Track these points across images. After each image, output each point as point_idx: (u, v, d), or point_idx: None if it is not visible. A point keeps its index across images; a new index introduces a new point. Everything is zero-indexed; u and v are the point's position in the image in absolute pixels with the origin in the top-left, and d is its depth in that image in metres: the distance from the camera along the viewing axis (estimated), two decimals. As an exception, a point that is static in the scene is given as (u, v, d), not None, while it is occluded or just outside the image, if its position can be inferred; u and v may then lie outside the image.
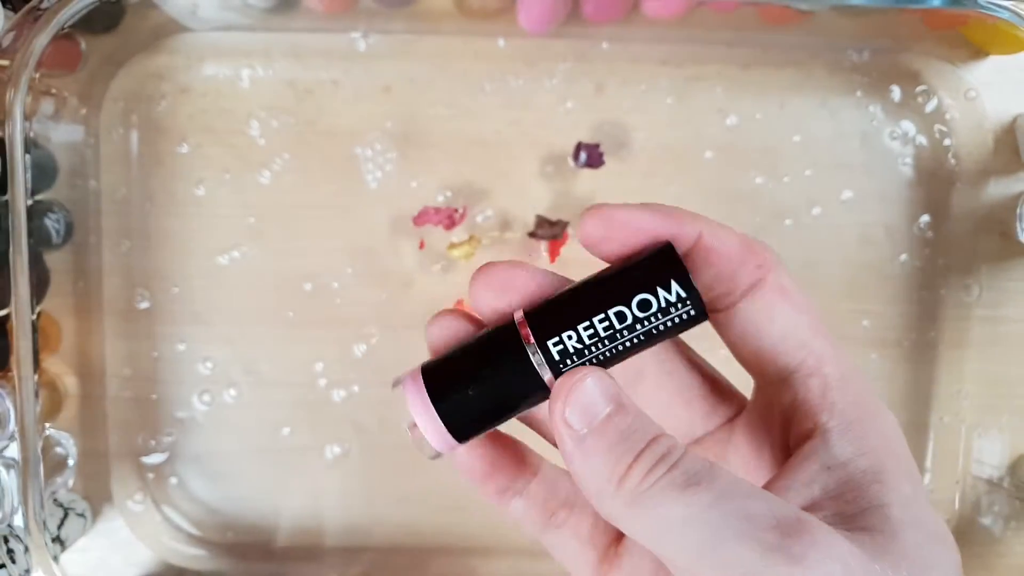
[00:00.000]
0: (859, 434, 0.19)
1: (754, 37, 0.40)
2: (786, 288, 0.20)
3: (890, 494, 0.18)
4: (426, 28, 0.40)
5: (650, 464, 0.17)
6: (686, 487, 0.17)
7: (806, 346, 0.20)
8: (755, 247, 0.20)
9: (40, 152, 0.38)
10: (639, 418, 0.18)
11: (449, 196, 0.41)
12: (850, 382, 0.20)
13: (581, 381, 0.18)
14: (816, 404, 0.19)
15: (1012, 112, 0.41)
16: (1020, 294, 0.41)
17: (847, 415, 0.19)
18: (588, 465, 0.18)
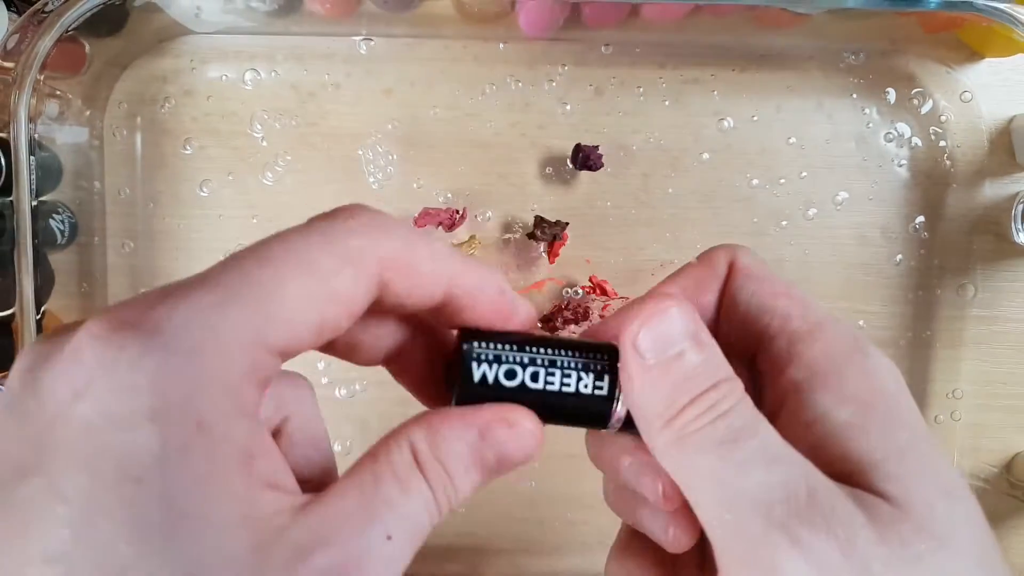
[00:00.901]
0: (835, 384, 0.19)
1: (751, 40, 0.41)
2: (747, 266, 0.22)
3: (880, 446, 0.18)
4: (427, 32, 0.40)
5: (702, 409, 0.18)
6: (722, 443, 0.17)
7: (768, 310, 0.21)
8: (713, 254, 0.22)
9: (45, 154, 0.38)
10: (710, 359, 0.18)
11: (450, 197, 0.41)
12: (820, 332, 0.20)
13: (666, 309, 0.18)
14: (783, 360, 0.20)
15: (1007, 114, 0.41)
16: (1015, 294, 0.42)
17: (817, 365, 0.19)
18: (646, 397, 0.18)
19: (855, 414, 0.18)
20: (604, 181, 0.41)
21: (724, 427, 0.17)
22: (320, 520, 0.16)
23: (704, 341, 0.18)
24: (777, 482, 0.17)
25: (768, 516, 0.16)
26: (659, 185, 0.41)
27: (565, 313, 0.41)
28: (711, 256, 0.22)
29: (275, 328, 0.16)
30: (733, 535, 0.17)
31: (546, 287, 0.41)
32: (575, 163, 0.40)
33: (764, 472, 0.17)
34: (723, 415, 0.18)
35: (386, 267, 0.17)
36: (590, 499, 0.42)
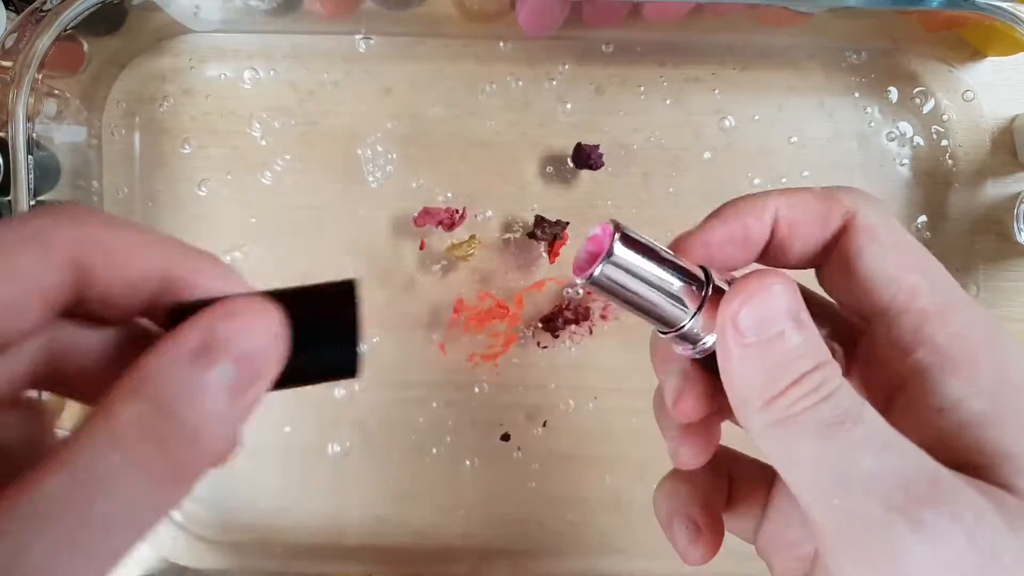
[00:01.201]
0: (969, 372, 0.18)
1: (752, 39, 0.41)
2: (872, 227, 0.19)
3: (1016, 440, 0.17)
4: (427, 31, 0.40)
5: (804, 391, 0.17)
6: (828, 425, 0.16)
7: (895, 282, 0.19)
8: (836, 196, 0.20)
9: (43, 153, 0.38)
10: (810, 340, 0.17)
11: (450, 197, 0.41)
12: (953, 314, 0.18)
13: (769, 287, 0.17)
14: (909, 341, 0.18)
15: (1009, 113, 0.41)
16: (1017, 294, 0.41)
17: (949, 350, 0.18)
18: (745, 375, 0.18)
19: (991, 405, 0.17)
20: (604, 180, 0.41)
21: (829, 410, 0.17)
22: None
23: (805, 322, 0.18)
24: (892, 468, 0.16)
25: (886, 501, 0.16)
26: (660, 184, 0.41)
27: (566, 313, 0.41)
28: (833, 196, 0.20)
29: None
30: (845, 520, 0.16)
31: (546, 287, 0.41)
32: (575, 162, 0.40)
33: (876, 457, 0.16)
34: (826, 398, 0.17)
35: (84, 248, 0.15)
36: (591, 501, 0.42)
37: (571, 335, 0.41)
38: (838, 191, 0.20)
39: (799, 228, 0.20)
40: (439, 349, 0.41)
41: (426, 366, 0.41)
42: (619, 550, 0.42)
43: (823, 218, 0.20)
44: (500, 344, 0.41)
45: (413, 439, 0.42)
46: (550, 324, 0.41)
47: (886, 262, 0.19)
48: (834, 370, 0.17)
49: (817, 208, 0.20)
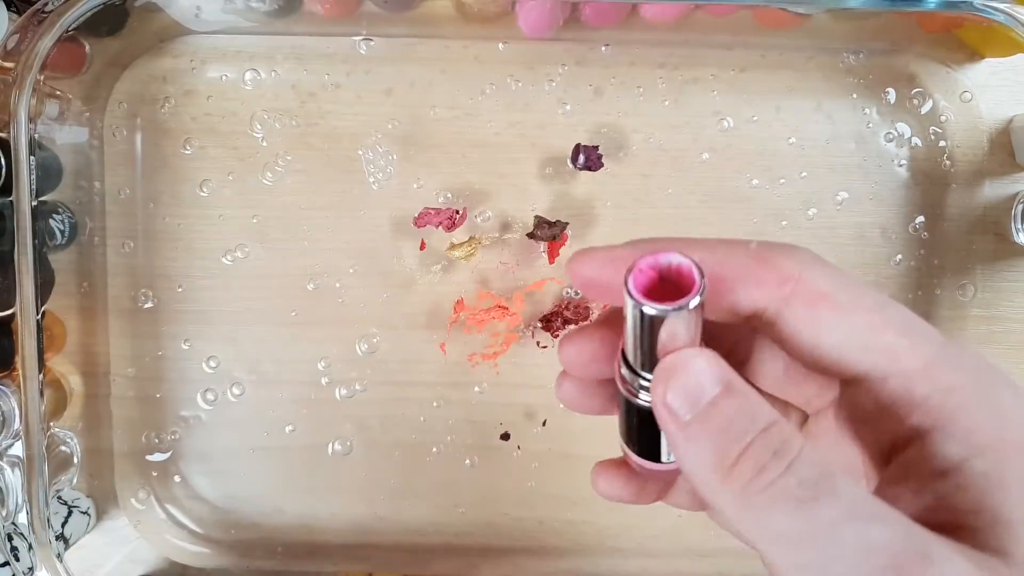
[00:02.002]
0: (968, 427, 0.16)
1: (750, 40, 0.41)
2: (823, 293, 0.18)
3: (1017, 507, 0.16)
4: (427, 32, 0.40)
5: (762, 459, 0.16)
6: (803, 501, 0.15)
7: (870, 348, 0.17)
8: (774, 260, 0.18)
9: (45, 154, 0.38)
10: (749, 401, 0.16)
11: (449, 197, 0.41)
12: (941, 367, 0.17)
13: (686, 362, 0.16)
14: (904, 405, 0.17)
15: (1007, 114, 0.41)
16: (1015, 294, 0.42)
17: (945, 408, 0.17)
18: (692, 452, 0.16)
19: (993, 465, 0.16)
20: (604, 181, 0.41)
21: (798, 482, 0.15)
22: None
23: (737, 386, 0.16)
24: (880, 544, 0.15)
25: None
26: (659, 185, 0.41)
27: (565, 313, 0.41)
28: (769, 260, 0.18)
29: None
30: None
31: (546, 287, 0.41)
32: (575, 163, 0.40)
33: (861, 533, 0.15)
34: (791, 465, 0.15)
35: None
36: (590, 500, 0.42)
37: (571, 335, 0.41)
38: (775, 253, 0.18)
39: (724, 284, 0.18)
40: (439, 349, 0.41)
41: (426, 366, 0.42)
42: (618, 549, 0.42)
43: (756, 280, 0.18)
44: (500, 344, 0.41)
45: (413, 438, 0.42)
46: (550, 324, 0.41)
47: (852, 329, 0.17)
48: (787, 432, 0.16)
49: (750, 268, 0.18)
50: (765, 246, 0.18)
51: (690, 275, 0.16)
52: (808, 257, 0.18)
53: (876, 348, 0.17)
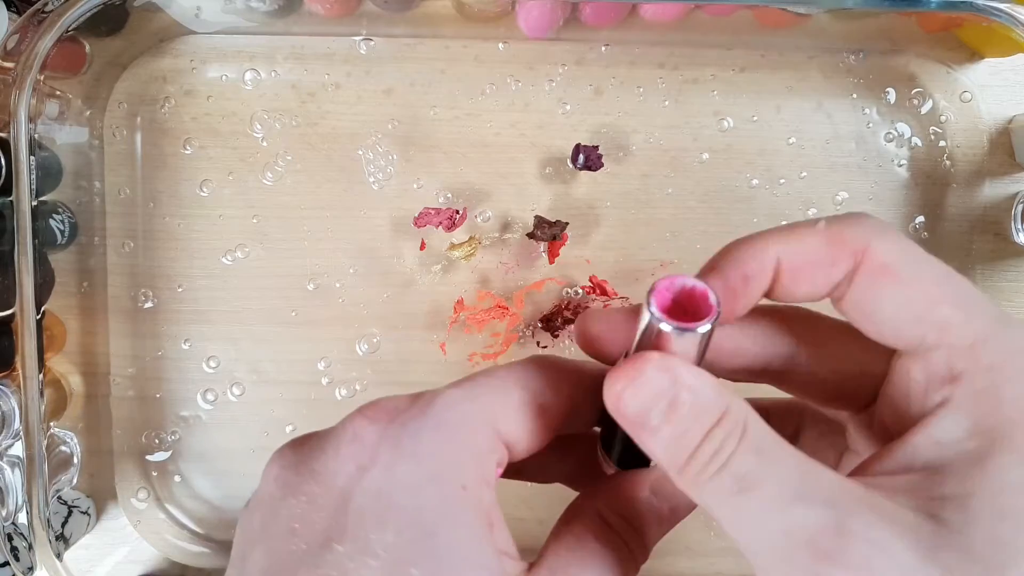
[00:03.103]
0: (985, 406, 0.17)
1: (750, 40, 0.41)
2: (886, 265, 0.18)
3: (985, 481, 0.16)
4: (427, 32, 0.40)
5: (707, 456, 0.17)
6: (731, 494, 0.16)
7: (922, 320, 0.18)
8: (841, 236, 0.19)
9: (45, 154, 0.38)
10: (698, 400, 0.17)
11: (450, 197, 0.41)
12: (989, 346, 0.17)
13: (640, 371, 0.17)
14: (941, 378, 0.17)
15: (1007, 114, 0.41)
16: (1015, 294, 0.42)
17: (976, 383, 0.17)
18: (654, 452, 0.18)
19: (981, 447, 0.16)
20: (604, 181, 0.41)
21: (729, 477, 0.16)
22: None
23: (689, 384, 0.17)
24: (797, 524, 0.16)
25: (796, 565, 0.16)
26: (659, 185, 0.41)
27: (565, 313, 0.41)
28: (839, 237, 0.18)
29: (505, 421, 0.19)
30: None
31: (546, 287, 0.41)
32: (575, 163, 0.40)
33: (781, 517, 0.16)
34: (726, 464, 0.16)
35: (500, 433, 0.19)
36: (590, 499, 0.42)
37: (571, 335, 0.41)
38: (845, 228, 0.19)
39: (804, 271, 0.19)
40: (439, 349, 0.41)
41: (426, 366, 0.42)
42: (618, 549, 0.42)
43: (830, 261, 0.19)
44: (500, 344, 0.41)
45: (413, 438, 0.42)
46: (550, 324, 0.41)
47: (910, 301, 0.18)
48: (734, 423, 0.17)
49: (822, 251, 0.19)
50: (834, 222, 0.19)
51: (705, 300, 0.17)
52: (875, 227, 0.19)
53: (929, 320, 0.18)
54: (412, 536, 0.17)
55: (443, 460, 0.18)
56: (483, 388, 0.19)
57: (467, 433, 0.18)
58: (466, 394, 0.19)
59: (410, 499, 0.17)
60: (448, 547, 0.17)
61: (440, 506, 0.17)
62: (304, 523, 0.18)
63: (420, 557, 0.17)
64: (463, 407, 0.19)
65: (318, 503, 0.18)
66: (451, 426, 0.18)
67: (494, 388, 0.19)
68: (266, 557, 0.18)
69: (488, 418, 0.19)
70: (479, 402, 0.19)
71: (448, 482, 0.18)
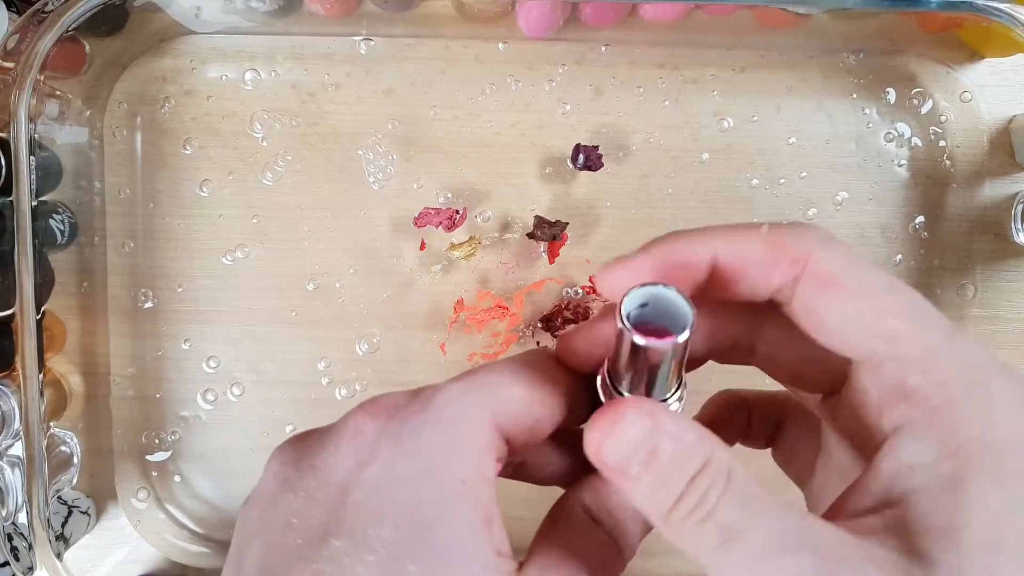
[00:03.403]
0: (947, 425, 0.16)
1: (750, 40, 0.41)
2: (830, 274, 0.18)
3: (966, 512, 0.15)
4: (427, 32, 0.40)
5: (690, 506, 0.16)
6: (718, 544, 0.16)
7: (870, 331, 0.17)
8: (782, 241, 0.18)
9: (45, 154, 0.38)
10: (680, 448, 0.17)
11: (450, 197, 0.41)
12: (939, 358, 0.17)
13: (620, 417, 0.17)
14: (894, 393, 0.17)
15: (1007, 114, 0.41)
16: (1015, 294, 0.42)
17: (931, 402, 0.16)
18: (637, 500, 0.17)
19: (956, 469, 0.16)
20: (604, 181, 0.41)
21: (714, 527, 0.16)
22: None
23: (671, 431, 0.17)
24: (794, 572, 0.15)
25: None
26: (659, 185, 0.41)
27: (565, 313, 0.41)
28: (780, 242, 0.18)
29: (504, 416, 0.19)
30: None
31: (546, 287, 0.41)
32: (575, 163, 0.40)
33: (771, 567, 0.15)
34: (709, 514, 0.16)
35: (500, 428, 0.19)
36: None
37: (570, 335, 0.41)
38: (787, 234, 0.18)
39: (741, 271, 0.19)
40: (439, 349, 0.41)
41: (426, 366, 0.42)
42: (618, 549, 0.42)
43: (768, 264, 0.18)
44: (500, 344, 0.41)
45: (413, 438, 0.42)
46: (550, 324, 0.41)
47: (856, 311, 0.17)
48: (718, 471, 0.16)
49: (761, 254, 0.18)
50: (776, 228, 0.19)
51: (682, 309, 0.17)
52: (818, 236, 0.18)
53: (877, 332, 0.17)
54: (410, 531, 0.17)
55: (442, 455, 0.18)
56: (482, 383, 0.19)
57: (466, 428, 0.18)
58: (465, 388, 0.19)
59: (408, 494, 0.17)
60: (445, 542, 0.17)
61: (438, 501, 0.17)
62: (302, 518, 0.17)
63: (417, 552, 0.17)
64: (463, 401, 0.18)
65: (316, 498, 0.18)
66: (450, 421, 0.18)
67: (493, 383, 0.19)
68: (263, 552, 0.18)
69: (487, 413, 0.19)
70: (478, 396, 0.19)
71: (447, 477, 0.17)
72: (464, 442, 0.18)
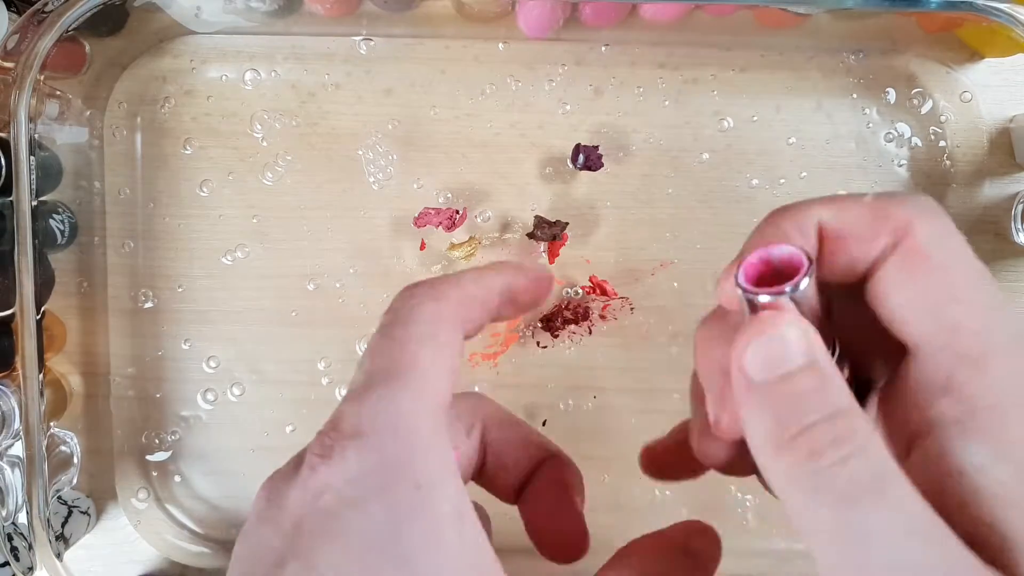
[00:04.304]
0: (997, 432, 0.15)
1: (750, 40, 0.41)
2: (921, 249, 0.17)
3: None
4: (427, 32, 0.40)
5: (820, 443, 0.15)
6: (845, 499, 0.14)
7: (936, 315, 0.16)
8: (889, 210, 0.18)
9: (45, 154, 0.38)
10: (826, 387, 0.15)
11: (450, 197, 0.41)
12: (996, 360, 0.16)
13: (779, 328, 0.16)
14: (938, 386, 0.16)
15: (1007, 114, 0.41)
16: (1015, 294, 0.42)
17: (979, 403, 0.16)
18: (753, 420, 0.16)
19: (1016, 477, 0.15)
20: (604, 181, 0.41)
21: (846, 476, 0.14)
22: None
23: (821, 366, 0.16)
24: (915, 563, 0.14)
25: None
26: (659, 185, 0.41)
27: (565, 313, 0.41)
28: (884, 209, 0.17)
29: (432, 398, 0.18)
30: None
31: (546, 287, 0.41)
32: (575, 163, 0.40)
33: (898, 548, 0.14)
34: (844, 459, 0.15)
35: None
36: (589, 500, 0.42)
37: (570, 335, 0.41)
38: (892, 202, 0.18)
39: (845, 242, 0.18)
40: (439, 349, 0.41)
41: (426, 366, 0.41)
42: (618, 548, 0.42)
43: (871, 233, 0.18)
44: (500, 344, 0.41)
45: (413, 438, 0.42)
46: (550, 324, 0.41)
47: (929, 291, 0.17)
48: (856, 424, 0.15)
49: (865, 222, 0.18)
50: (881, 197, 0.18)
51: (798, 261, 0.17)
52: (923, 207, 0.18)
53: (942, 316, 0.16)
54: (357, 552, 0.17)
55: (387, 472, 0.17)
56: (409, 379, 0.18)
57: (406, 435, 0.18)
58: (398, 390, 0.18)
59: (358, 515, 0.17)
60: (409, 555, 0.17)
61: (393, 517, 0.17)
62: (266, 549, 0.18)
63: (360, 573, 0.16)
64: (390, 410, 0.18)
65: (279, 530, 0.18)
66: (389, 436, 0.18)
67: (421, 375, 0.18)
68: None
69: (422, 408, 0.18)
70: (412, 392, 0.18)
71: (396, 490, 0.17)
72: (409, 449, 0.17)
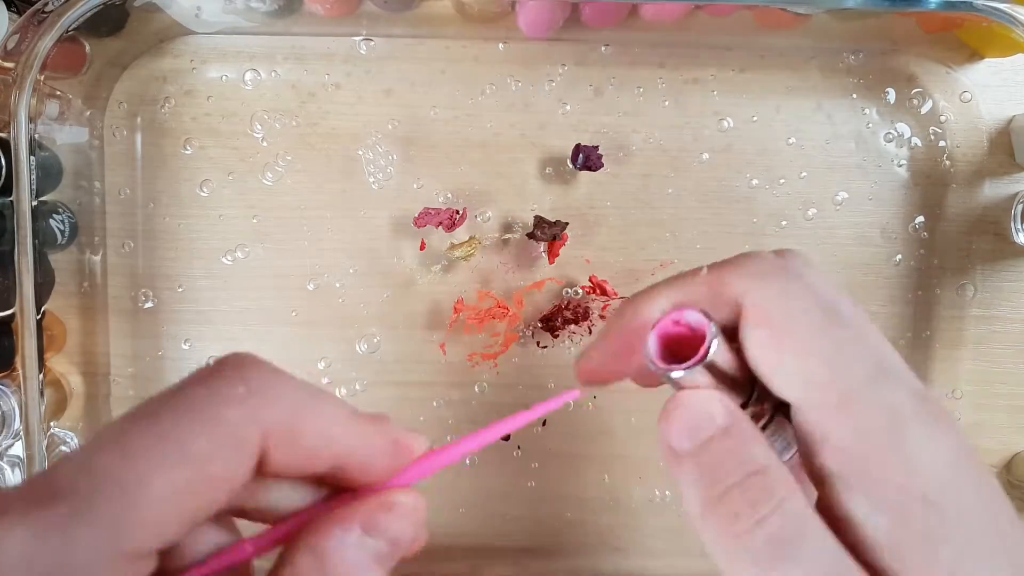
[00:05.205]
0: (867, 477, 0.16)
1: (750, 41, 0.41)
2: (759, 316, 0.17)
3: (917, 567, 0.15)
4: (427, 32, 0.40)
5: (738, 507, 0.16)
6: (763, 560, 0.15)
7: (791, 375, 0.17)
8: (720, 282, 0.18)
9: (45, 154, 0.38)
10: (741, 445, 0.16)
11: (450, 197, 0.41)
12: (859, 406, 0.16)
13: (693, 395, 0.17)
14: (816, 439, 0.17)
15: (1006, 114, 0.41)
16: (1014, 294, 0.42)
17: (854, 453, 0.16)
18: (684, 487, 0.17)
19: (895, 522, 0.15)
20: (604, 181, 0.41)
21: (763, 537, 0.15)
22: None
23: (738, 430, 0.16)
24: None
25: None
26: (659, 185, 0.41)
27: (565, 313, 0.41)
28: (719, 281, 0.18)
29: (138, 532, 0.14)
30: None
31: (546, 287, 0.41)
32: (575, 163, 0.40)
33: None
34: (761, 521, 0.15)
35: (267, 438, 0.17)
36: (589, 500, 0.42)
37: (570, 335, 0.41)
38: (724, 273, 0.18)
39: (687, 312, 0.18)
40: (439, 349, 0.41)
41: (426, 366, 0.42)
42: (618, 548, 0.42)
43: (714, 308, 0.18)
44: (500, 344, 0.41)
45: (413, 438, 0.42)
46: (550, 324, 0.41)
47: (779, 353, 0.17)
48: (774, 482, 0.16)
49: (706, 299, 0.18)
50: (716, 268, 0.18)
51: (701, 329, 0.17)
52: (756, 271, 0.18)
53: (796, 376, 0.17)
54: None
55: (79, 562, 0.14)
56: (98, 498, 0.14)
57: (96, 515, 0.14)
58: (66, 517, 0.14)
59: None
60: None
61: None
62: None
63: None
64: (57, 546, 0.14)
65: None
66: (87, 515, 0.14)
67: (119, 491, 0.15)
68: None
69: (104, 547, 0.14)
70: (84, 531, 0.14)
71: None
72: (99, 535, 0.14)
